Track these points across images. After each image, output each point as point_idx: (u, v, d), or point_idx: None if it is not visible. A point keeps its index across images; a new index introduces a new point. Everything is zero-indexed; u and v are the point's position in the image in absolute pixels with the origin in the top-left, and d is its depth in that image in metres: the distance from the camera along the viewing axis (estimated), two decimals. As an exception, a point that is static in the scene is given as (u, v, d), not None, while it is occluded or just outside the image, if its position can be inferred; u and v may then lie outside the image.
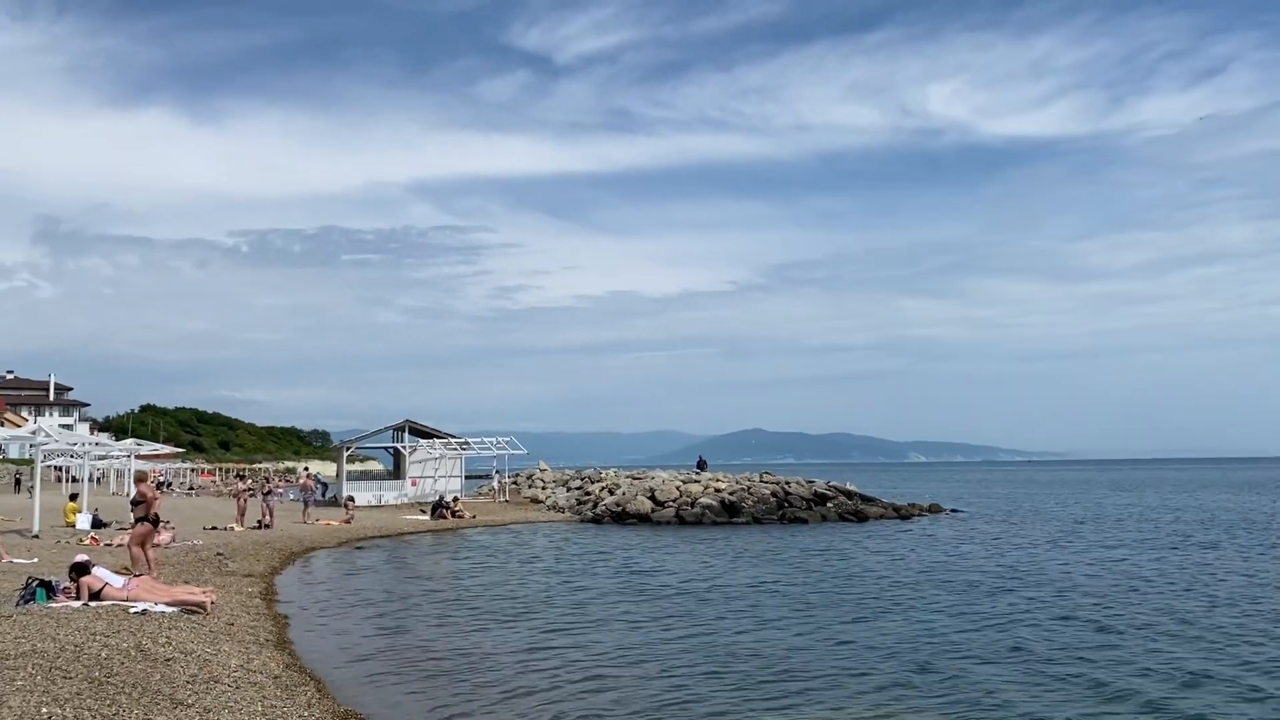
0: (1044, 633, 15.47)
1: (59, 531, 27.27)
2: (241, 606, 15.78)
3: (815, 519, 39.28)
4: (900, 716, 10.47)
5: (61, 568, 19.35)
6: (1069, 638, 14.97)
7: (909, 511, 43.00)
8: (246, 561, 23.15)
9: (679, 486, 41.45)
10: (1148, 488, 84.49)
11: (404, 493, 48.94)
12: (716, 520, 38.47)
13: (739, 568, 24.67)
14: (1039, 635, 15.22)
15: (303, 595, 19.30)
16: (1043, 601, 18.80)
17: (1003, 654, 13.80)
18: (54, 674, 8.61)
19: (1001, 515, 46.36)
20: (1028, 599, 19.10)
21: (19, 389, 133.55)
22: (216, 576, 19.46)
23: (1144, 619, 16.64)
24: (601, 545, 31.17)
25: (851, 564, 25.38)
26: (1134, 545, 30.80)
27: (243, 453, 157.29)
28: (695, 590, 20.42)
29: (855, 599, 19.15)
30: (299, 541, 29.33)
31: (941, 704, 11.00)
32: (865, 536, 33.67)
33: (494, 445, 50.59)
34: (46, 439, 25.31)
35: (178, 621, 12.64)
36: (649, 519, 39.22)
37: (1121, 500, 62.14)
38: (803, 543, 31.35)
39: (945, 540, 32.72)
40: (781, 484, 42.57)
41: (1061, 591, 20.20)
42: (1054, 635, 15.20)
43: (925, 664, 13.10)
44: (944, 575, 22.99)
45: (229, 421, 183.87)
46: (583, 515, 41.90)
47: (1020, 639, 14.82)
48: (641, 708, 10.77)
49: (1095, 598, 19.23)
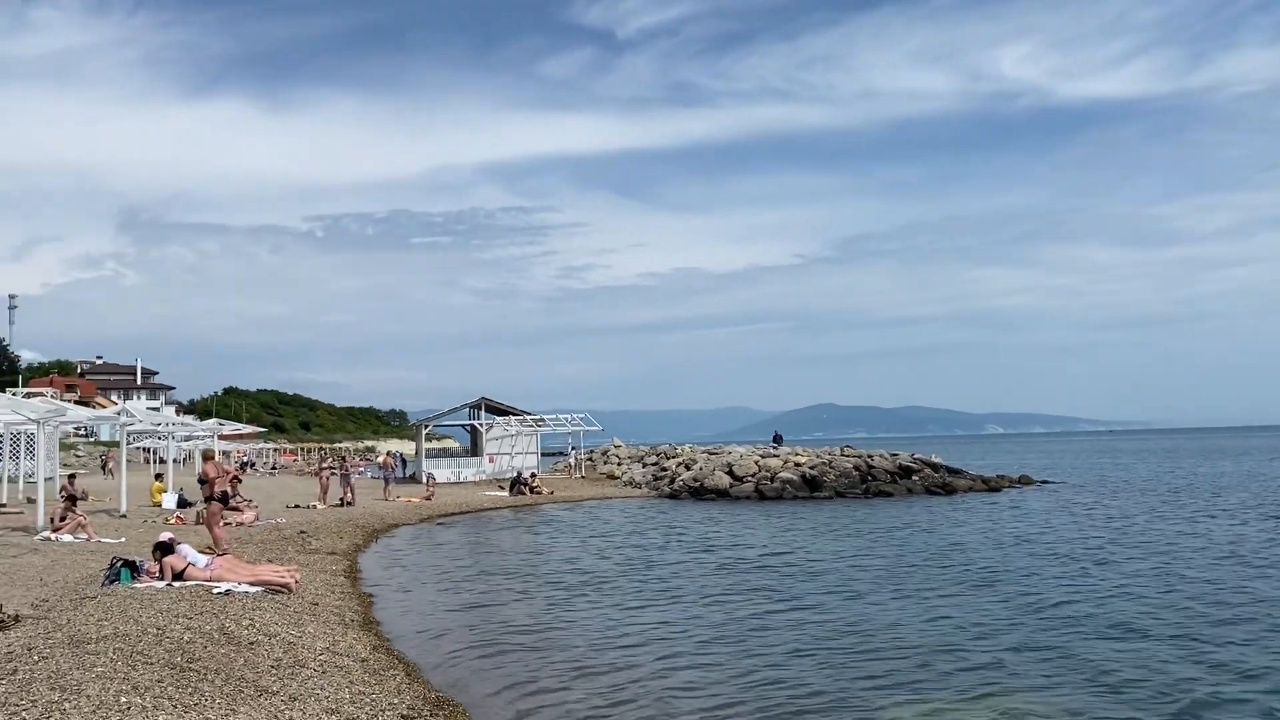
0: (1155, 607, 14.47)
1: (145, 511, 27.55)
2: (326, 585, 15.50)
3: (900, 492, 38.18)
4: (1013, 695, 9.69)
5: (148, 547, 19.33)
6: (1181, 612, 13.95)
7: (998, 483, 41.59)
8: (330, 539, 23.05)
9: (757, 461, 40.64)
10: (1240, 455, 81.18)
11: (481, 469, 48.96)
12: (797, 495, 37.61)
13: (826, 542, 23.86)
14: (1150, 609, 14.23)
15: (386, 573, 19.03)
16: (1150, 573, 17.73)
17: (1115, 630, 12.88)
18: (135, 659, 8.25)
19: (1094, 485, 44.69)
20: (1134, 571, 18.02)
21: (108, 374, 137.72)
22: (300, 555, 19.31)
23: (1265, 592, 15.50)
24: (681, 520, 30.59)
25: (944, 537, 24.39)
26: (1237, 514, 29.21)
27: (323, 432, 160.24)
28: (783, 565, 19.70)
29: (952, 573, 18.25)
30: (381, 519, 29.28)
31: (1054, 683, 10.17)
32: (955, 509, 32.54)
33: (569, 422, 50.32)
34: (132, 419, 25.49)
35: (261, 602, 12.32)
36: (727, 494, 38.52)
37: (1217, 468, 59.63)
38: (890, 516, 30.37)
39: (1039, 511, 31.46)
40: (864, 457, 41.47)
41: (1168, 563, 19.07)
42: (1165, 609, 14.19)
43: (1033, 641, 12.25)
44: (1042, 547, 21.91)
45: (309, 402, 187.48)
46: (660, 491, 41.37)
47: (1132, 614, 13.86)
48: (739, 686, 10.19)
49: (1205, 570, 18.06)
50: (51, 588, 12.95)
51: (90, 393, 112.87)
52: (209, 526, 17.75)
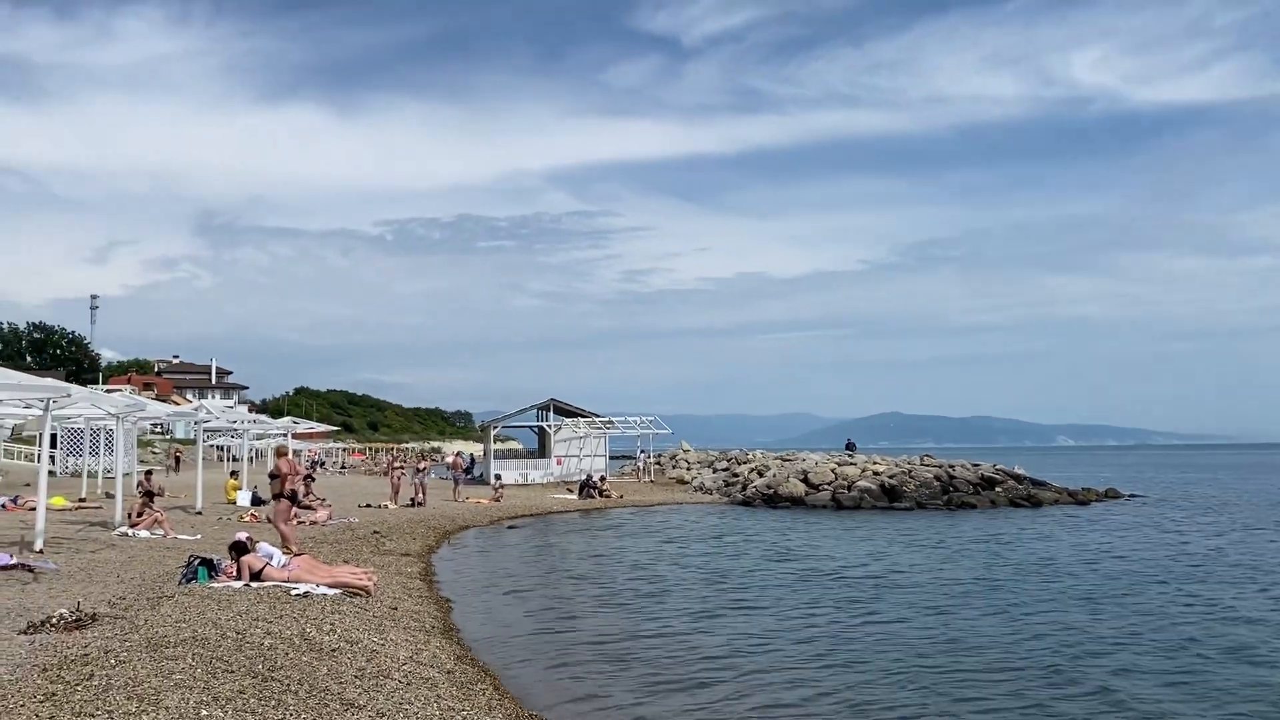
0: (1271, 631, 13.42)
1: (220, 508, 27.52)
2: (403, 588, 15.06)
3: (984, 504, 36.84)
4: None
5: (223, 544, 19.12)
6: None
7: (1085, 496, 39.96)
8: (403, 540, 22.71)
9: (834, 469, 39.59)
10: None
11: (549, 471, 48.59)
12: (876, 505, 36.50)
13: (911, 554, 22.87)
14: (1265, 634, 13.18)
15: (462, 576, 18.57)
16: (1257, 595, 16.59)
17: (1229, 656, 11.93)
18: (215, 666, 7.76)
19: (1185, 501, 42.79)
20: (1240, 593, 16.86)
21: (183, 373, 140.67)
22: (375, 556, 18.94)
23: None
24: (757, 528, 29.77)
25: (1034, 552, 23.24)
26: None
27: (390, 433, 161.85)
28: (869, 578, 18.82)
29: (1048, 591, 17.20)
30: (452, 520, 28.96)
31: (1169, 711, 9.27)
32: (1044, 523, 31.20)
33: (638, 424, 49.72)
34: (208, 416, 25.46)
35: (341, 605, 11.87)
36: (802, 502, 37.56)
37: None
38: (975, 529, 29.20)
39: (1131, 527, 30.02)
40: (945, 467, 40.18)
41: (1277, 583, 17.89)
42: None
43: (1139, 665, 11.33)
44: (1139, 564, 20.72)
45: (377, 403, 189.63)
46: (731, 497, 40.54)
47: (1246, 638, 12.87)
48: (829, 706, 9.47)
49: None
50: (129, 585, 12.64)
51: (166, 391, 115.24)
52: (277, 524, 17.45)
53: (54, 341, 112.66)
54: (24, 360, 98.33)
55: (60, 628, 9.46)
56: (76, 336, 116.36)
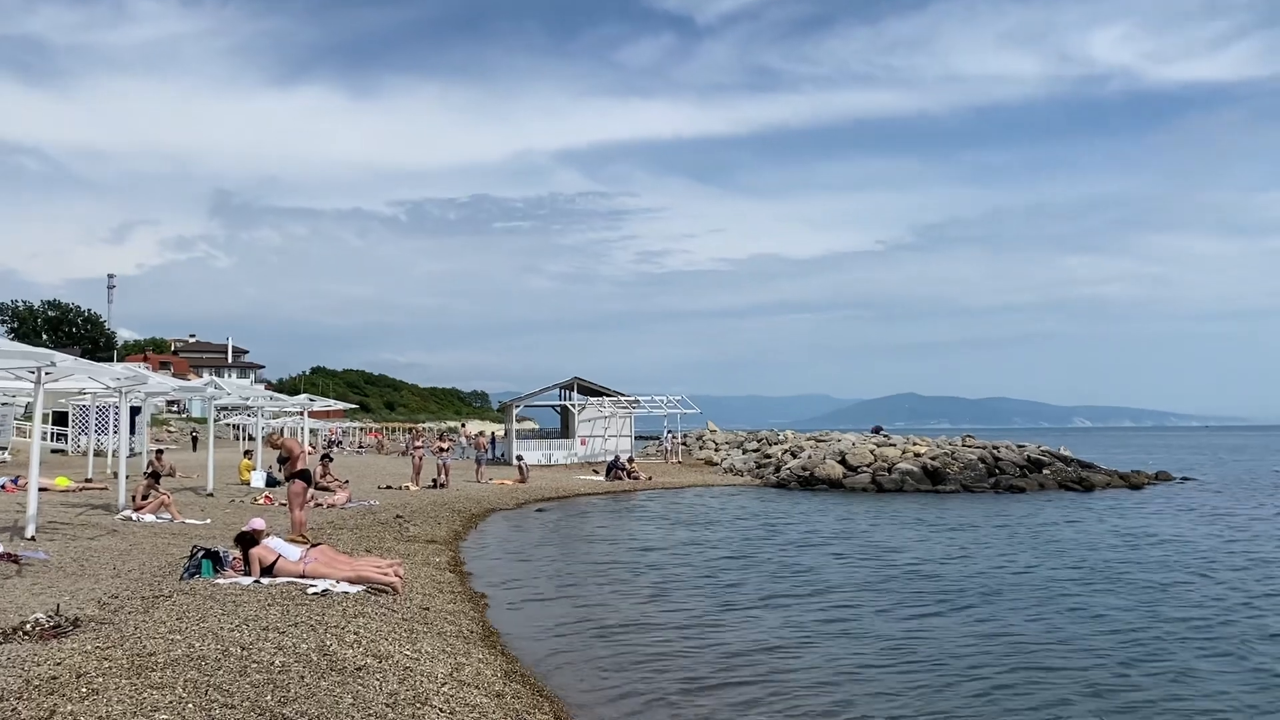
0: None
1: (233, 490, 26.07)
2: (432, 582, 13.46)
3: (1032, 487, 34.99)
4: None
5: (233, 528, 17.55)
6: None
7: (1137, 480, 38.06)
8: (427, 525, 21.18)
9: (873, 450, 37.83)
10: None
11: (573, 452, 46.99)
12: (919, 488, 34.73)
13: (967, 541, 21.13)
14: None
15: (495, 567, 16.96)
16: None
17: None
18: (211, 697, 6.15)
19: (1240, 483, 40.83)
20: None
21: (200, 351, 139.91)
22: (399, 544, 17.39)
23: None
24: (799, 511, 28.10)
25: (1107, 541, 21.47)
26: None
27: (407, 413, 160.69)
28: (931, 566, 17.14)
29: (1132, 585, 15.45)
30: (477, 503, 27.43)
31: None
32: (1103, 508, 29.39)
33: (665, 403, 48.01)
34: (218, 391, 23.94)
35: (365, 606, 10.27)
36: (840, 485, 35.83)
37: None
38: (1034, 514, 27.42)
39: (1207, 513, 28.13)
40: (989, 449, 38.35)
41: None
42: None
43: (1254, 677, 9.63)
44: (1229, 556, 18.93)
45: (394, 383, 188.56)
46: (764, 479, 38.85)
47: None
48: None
49: None
50: (124, 580, 11.09)
51: (183, 370, 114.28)
52: (290, 509, 15.88)
53: (70, 320, 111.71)
54: (39, 338, 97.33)
55: (35, 636, 7.92)
56: (92, 315, 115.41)
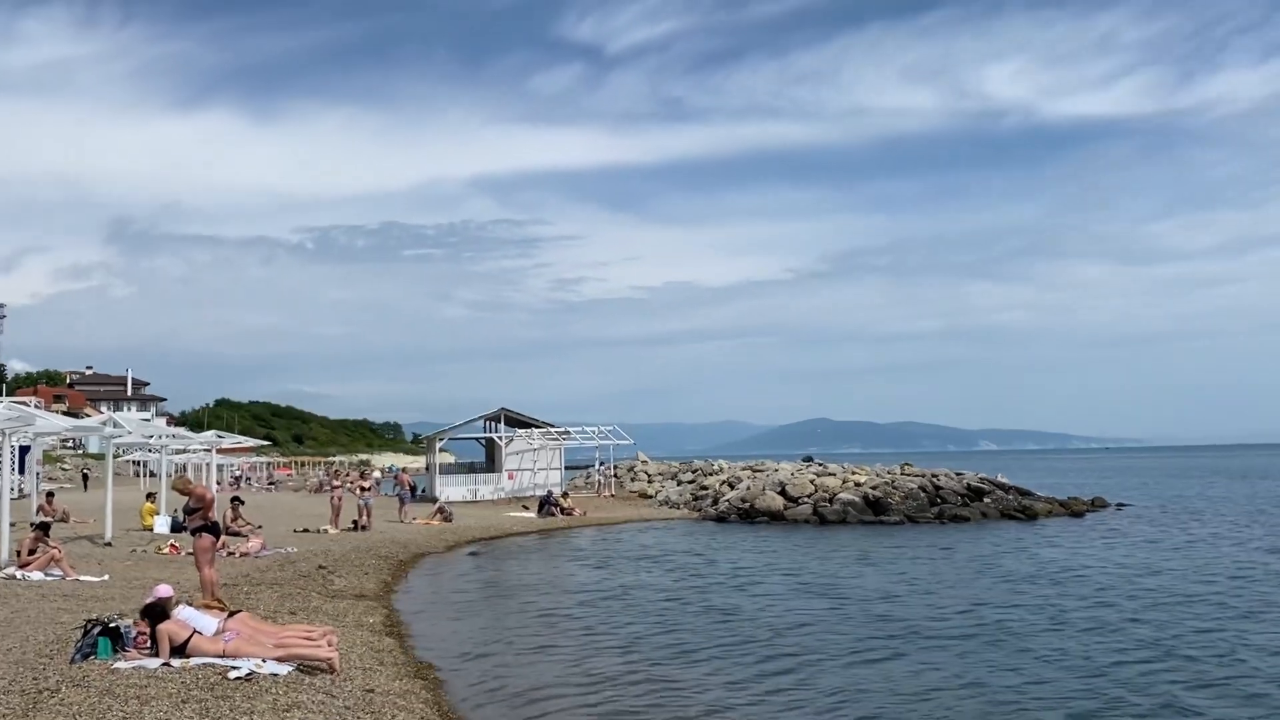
0: None
1: (134, 538, 23.69)
2: (371, 651, 11.70)
3: (976, 517, 34.28)
4: None
5: (136, 586, 15.53)
6: None
7: (1078, 507, 37.70)
8: (354, 576, 19.25)
9: (813, 480, 36.83)
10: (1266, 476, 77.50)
11: (500, 487, 45.04)
12: (862, 519, 33.76)
13: (941, 581, 20.06)
14: None
15: (438, 628, 15.16)
16: None
17: None
18: None
19: (1173, 508, 40.83)
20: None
21: (97, 384, 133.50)
22: (326, 601, 15.51)
23: None
24: (745, 548, 26.82)
25: (1077, 574, 20.62)
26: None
27: (317, 446, 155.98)
28: (912, 611, 15.95)
29: (1142, 633, 14.48)
30: (404, 547, 25.46)
31: None
32: (1053, 537, 28.77)
33: (596, 434, 46.40)
34: (118, 430, 21.69)
35: (298, 693, 8.55)
36: (781, 517, 34.66)
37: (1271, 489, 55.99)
38: (990, 546, 26.56)
39: (1155, 542, 27.58)
40: (929, 477, 37.68)
41: None
42: None
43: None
44: (1196, 588, 18.21)
45: (302, 415, 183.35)
46: (703, 512, 37.49)
47: None
48: None
49: None
50: (3, 663, 9.16)
51: (79, 403, 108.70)
52: (199, 567, 13.49)
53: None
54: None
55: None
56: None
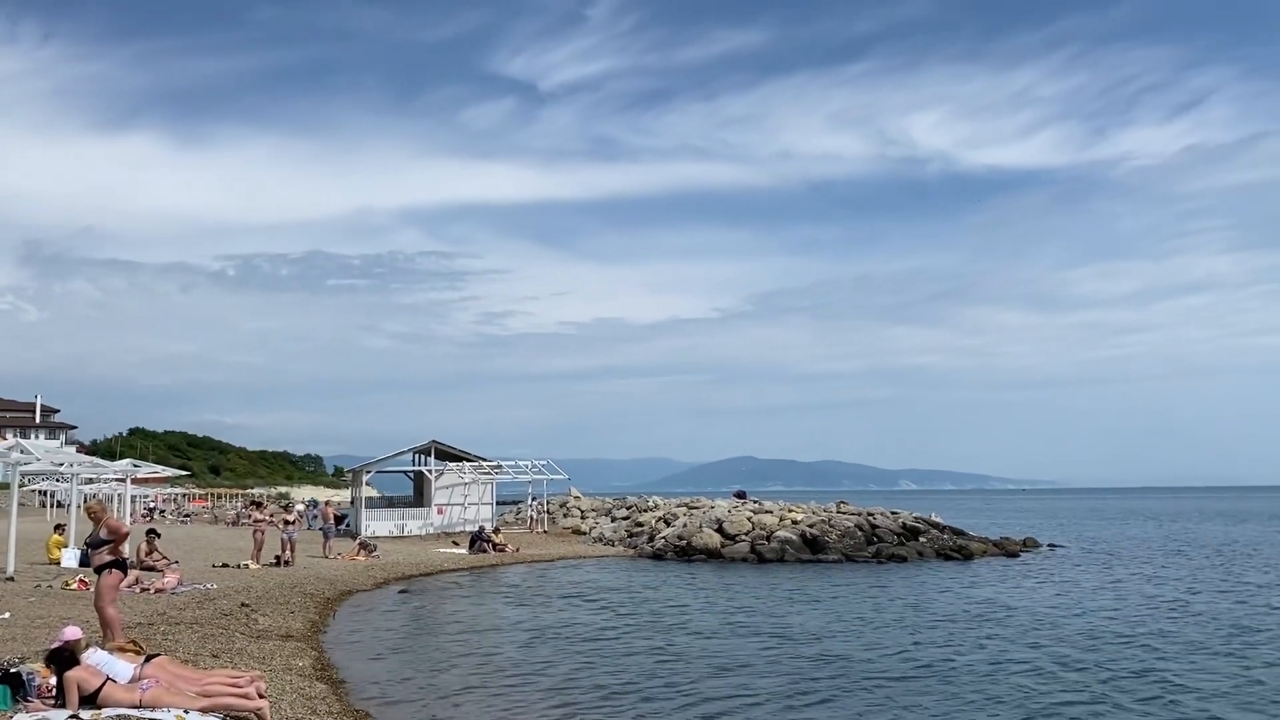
0: None
1: (39, 572, 22.21)
2: (302, 699, 10.79)
3: (913, 556, 34.08)
4: None
5: (42, 627, 14.31)
6: None
7: (1012, 547, 37.77)
8: (279, 614, 18.15)
9: (750, 518, 36.37)
10: (1200, 517, 79.51)
11: (429, 522, 43.71)
12: (800, 557, 33.34)
13: (883, 621, 19.64)
14: None
15: (371, 670, 14.21)
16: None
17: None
18: None
19: (1101, 550, 41.24)
20: None
21: (4, 410, 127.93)
22: (251, 642, 14.47)
23: None
24: (681, 586, 26.20)
25: (1015, 615, 20.39)
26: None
27: (234, 477, 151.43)
28: (844, 651, 15.47)
29: (1077, 676, 14.17)
30: (330, 584, 24.29)
31: None
32: (991, 578, 28.62)
33: (529, 468, 45.37)
34: (25, 456, 20.30)
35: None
36: (719, 554, 34.10)
37: (1220, 531, 57.19)
38: (930, 586, 26.31)
39: (1091, 583, 27.63)
40: (865, 515, 37.50)
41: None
42: None
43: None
44: (1147, 633, 18.08)
45: (219, 445, 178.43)
46: (638, 549, 36.71)
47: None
48: None
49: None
50: (-118, 718, 8.10)
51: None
52: (99, 606, 12.27)
53: None
54: None
55: None
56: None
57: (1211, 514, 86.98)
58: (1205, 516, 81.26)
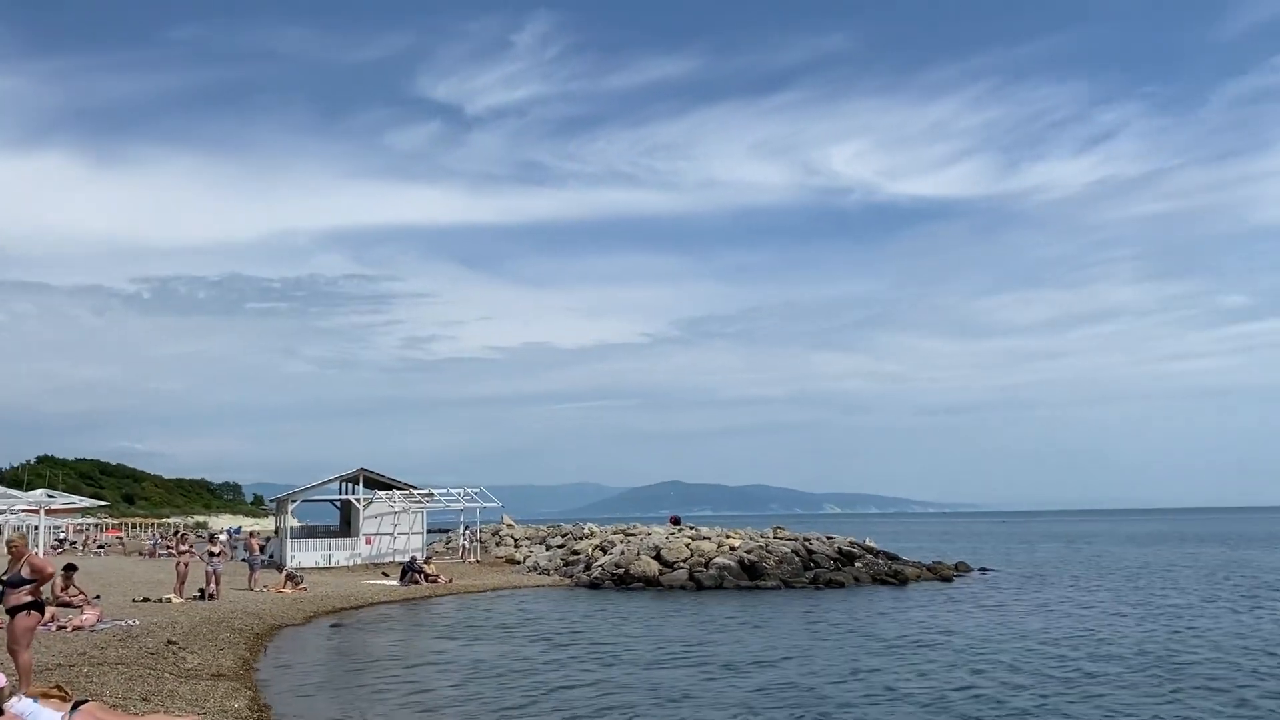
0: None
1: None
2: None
3: (849, 581, 34.20)
4: None
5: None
6: None
7: (946, 572, 38.10)
8: (207, 651, 17.42)
9: (688, 544, 36.18)
10: (1116, 540, 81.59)
11: (357, 552, 42.67)
12: (738, 584, 33.23)
13: (833, 652, 19.58)
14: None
15: (310, 710, 13.66)
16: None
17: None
18: None
19: (1029, 573, 41.91)
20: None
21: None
22: (181, 682, 13.81)
23: None
24: (628, 618, 25.83)
25: (949, 639, 20.52)
26: (1253, 607, 26.76)
27: (149, 506, 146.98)
28: (785, 679, 15.37)
29: (1022, 701, 14.27)
30: (259, 618, 23.44)
31: None
32: (927, 603, 28.83)
33: (461, 496, 44.61)
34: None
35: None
36: (657, 583, 33.82)
37: (1137, 553, 58.60)
38: (869, 612, 26.40)
39: (1036, 608, 27.86)
40: (801, 541, 37.57)
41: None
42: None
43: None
44: (1113, 652, 18.33)
45: (133, 473, 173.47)
46: (575, 578, 36.23)
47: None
48: None
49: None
50: None
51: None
52: (12, 650, 11.42)
53: None
54: None
55: None
56: None
57: (1124, 537, 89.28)
58: (1119, 539, 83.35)
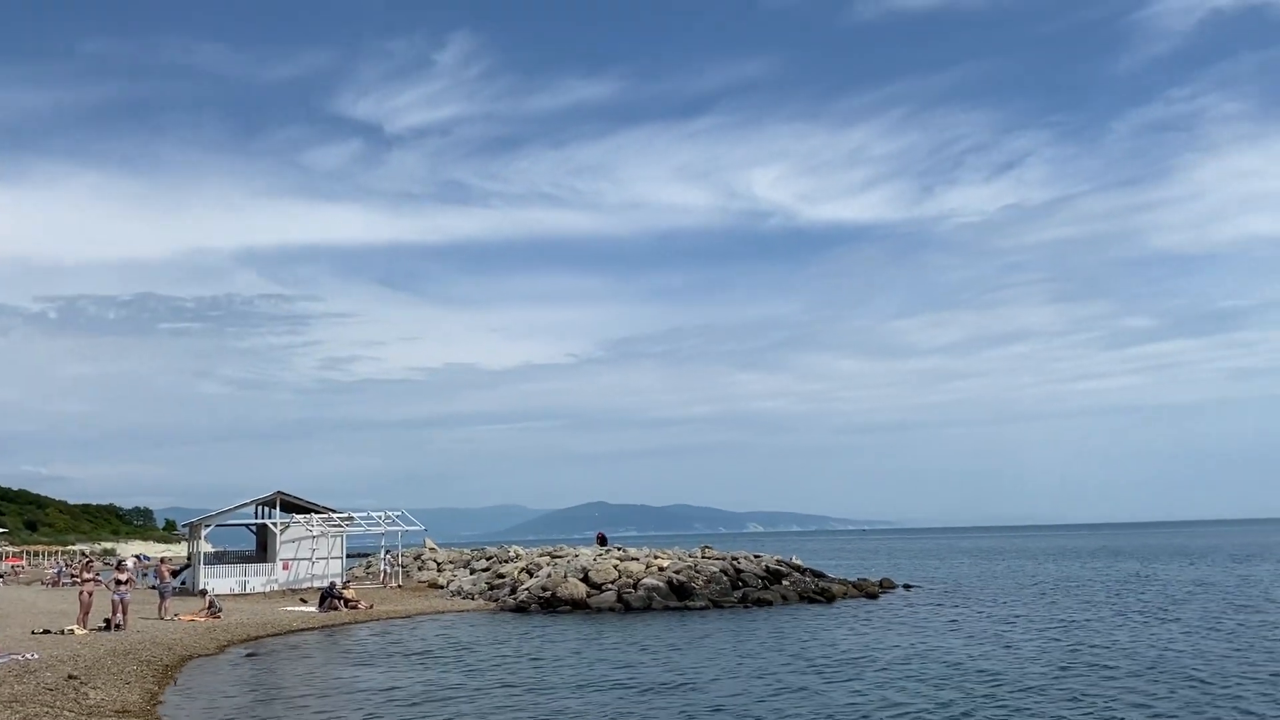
0: None
1: None
2: (148, 786, 9.58)
3: (777, 600, 34.10)
4: None
5: None
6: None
7: (871, 589, 38.27)
8: (112, 685, 16.53)
9: (616, 565, 35.70)
10: (1030, 556, 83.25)
11: (274, 578, 41.29)
12: (667, 605, 32.86)
13: (762, 671, 19.35)
14: None
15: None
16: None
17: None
18: None
19: (950, 589, 42.36)
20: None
21: None
22: (81, 719, 12.95)
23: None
24: (549, 640, 25.34)
25: (876, 657, 20.49)
26: (1178, 618, 27.38)
27: (53, 533, 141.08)
28: (711, 702, 15.09)
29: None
30: (168, 648, 22.42)
31: None
32: (855, 620, 28.86)
33: (382, 520, 43.49)
34: None
35: None
36: (585, 605, 33.28)
37: (1050, 569, 59.70)
38: (798, 631, 26.29)
39: (960, 623, 28.09)
40: (730, 560, 37.38)
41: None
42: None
43: None
44: (1077, 675, 18.41)
45: (36, 499, 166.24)
46: (500, 602, 35.43)
47: None
48: None
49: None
50: None
51: None
52: None
53: None
54: None
55: None
56: None
57: (1037, 552, 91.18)
58: (1032, 555, 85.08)
